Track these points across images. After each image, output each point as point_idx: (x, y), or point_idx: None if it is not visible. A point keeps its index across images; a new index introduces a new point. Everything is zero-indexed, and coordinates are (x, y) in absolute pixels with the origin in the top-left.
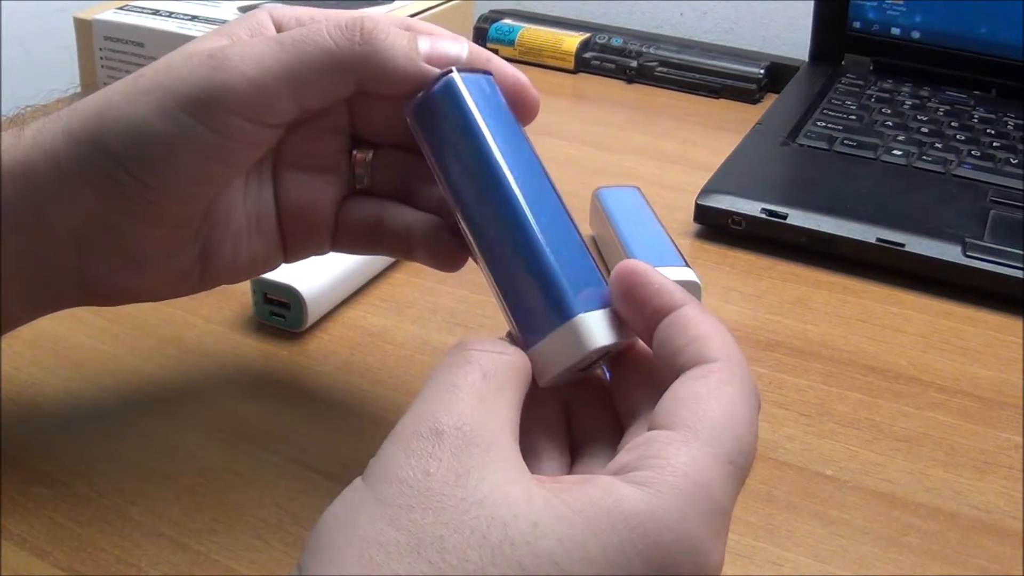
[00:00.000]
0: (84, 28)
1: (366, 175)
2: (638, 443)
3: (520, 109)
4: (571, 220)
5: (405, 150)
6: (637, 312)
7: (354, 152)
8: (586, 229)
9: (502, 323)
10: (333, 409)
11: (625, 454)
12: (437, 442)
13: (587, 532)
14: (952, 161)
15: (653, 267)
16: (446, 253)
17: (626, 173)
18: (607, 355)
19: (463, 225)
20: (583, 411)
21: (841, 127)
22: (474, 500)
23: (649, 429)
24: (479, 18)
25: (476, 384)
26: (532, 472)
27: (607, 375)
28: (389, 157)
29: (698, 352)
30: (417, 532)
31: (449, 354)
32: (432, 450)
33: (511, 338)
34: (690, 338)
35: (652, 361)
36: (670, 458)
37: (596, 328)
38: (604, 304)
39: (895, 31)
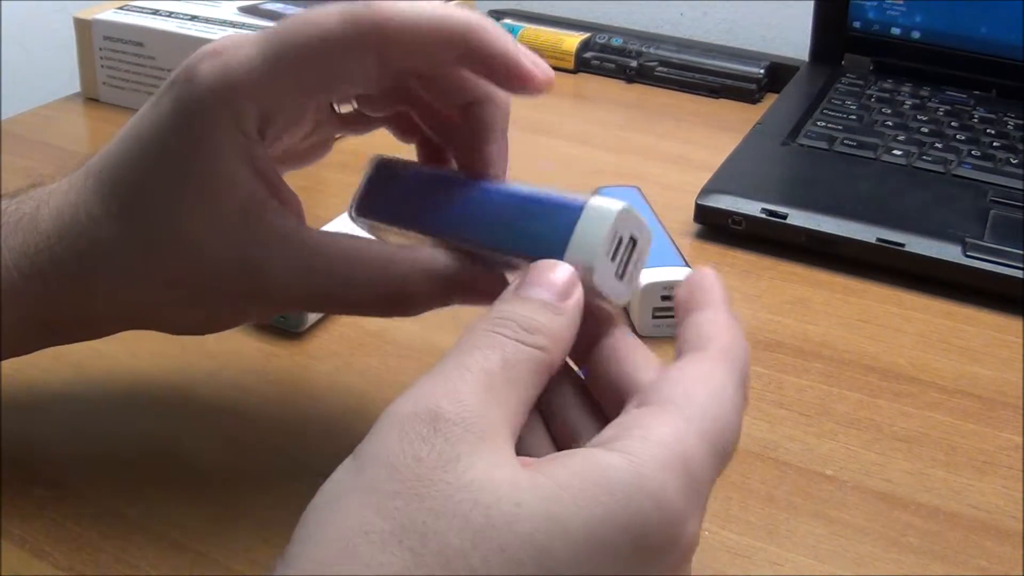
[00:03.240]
0: (84, 28)
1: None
2: (623, 419)
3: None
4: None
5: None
6: (682, 310)
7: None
8: None
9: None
10: (333, 409)
11: (609, 429)
12: (433, 426)
13: (571, 507)
14: (952, 161)
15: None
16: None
17: (626, 173)
18: (633, 247)
19: (462, 246)
20: (564, 414)
21: (841, 127)
22: (459, 485)
23: (636, 408)
24: None
25: (491, 371)
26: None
27: (583, 375)
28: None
29: (698, 337)
30: (401, 519)
31: (477, 327)
32: (426, 434)
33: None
34: (701, 334)
35: (633, 351)
36: (653, 429)
37: (610, 201)
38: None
39: (895, 31)
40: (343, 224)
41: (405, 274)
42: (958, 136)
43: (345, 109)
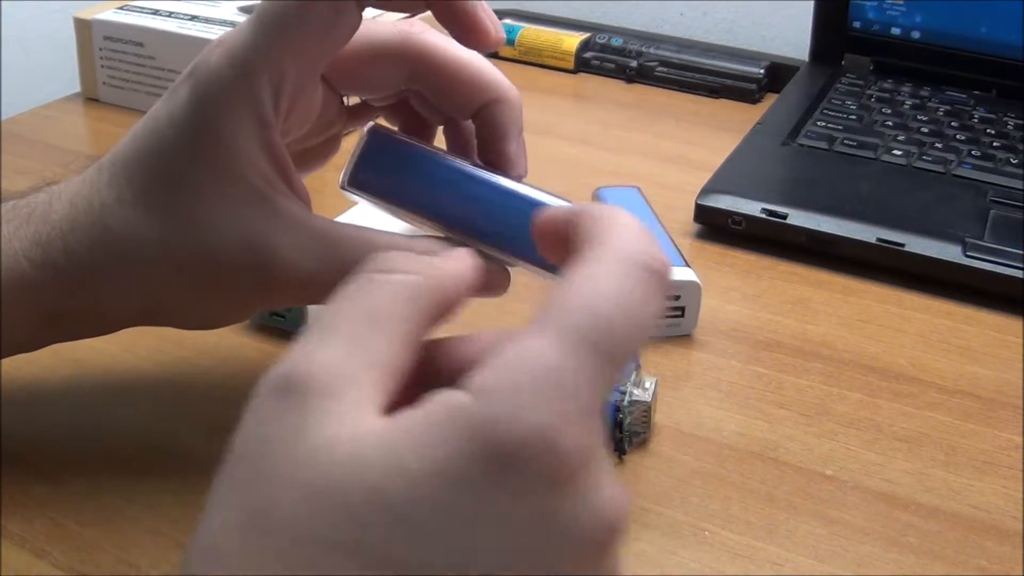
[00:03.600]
0: (84, 28)
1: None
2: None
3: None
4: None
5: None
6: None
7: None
8: None
9: (501, 322)
10: None
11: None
12: (282, 399)
13: (412, 452)
14: (952, 161)
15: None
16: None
17: (626, 173)
18: None
19: (461, 236)
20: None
21: (841, 127)
22: (304, 457)
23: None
24: None
25: (355, 320)
26: None
27: None
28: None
29: (580, 240)
30: (252, 504)
31: (349, 282)
32: (273, 410)
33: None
34: (581, 232)
35: None
36: (505, 353)
37: None
38: None
39: (895, 31)
40: (351, 219)
41: None
42: (958, 136)
43: (353, 100)
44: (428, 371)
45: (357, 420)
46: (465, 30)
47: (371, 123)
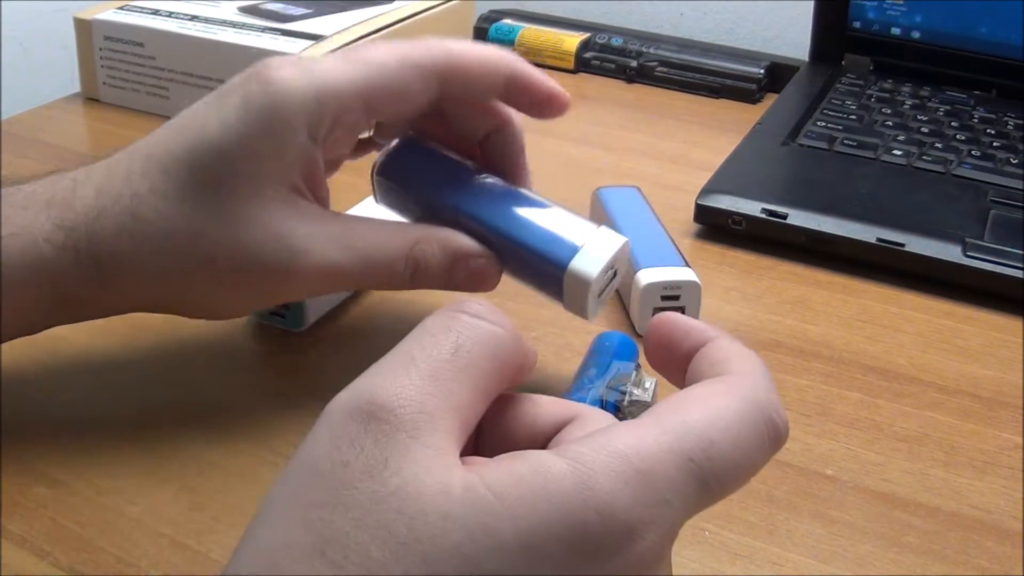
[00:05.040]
0: (84, 28)
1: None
2: (597, 429)
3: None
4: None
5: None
6: (673, 359)
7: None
8: None
9: None
10: None
11: (567, 434)
12: (364, 426)
13: (503, 518)
14: (952, 161)
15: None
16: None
17: (626, 173)
18: (613, 276)
19: (478, 229)
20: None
21: (841, 127)
22: (385, 493)
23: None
24: (479, 18)
25: (440, 359)
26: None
27: None
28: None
29: (713, 370)
30: (324, 531)
31: (433, 316)
32: (356, 436)
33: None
34: (714, 361)
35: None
36: (612, 438)
37: (616, 234)
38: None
39: (895, 31)
40: (362, 211)
41: (429, 253)
42: (958, 136)
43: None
44: (493, 426)
45: (441, 467)
46: (544, 103)
47: (408, 132)
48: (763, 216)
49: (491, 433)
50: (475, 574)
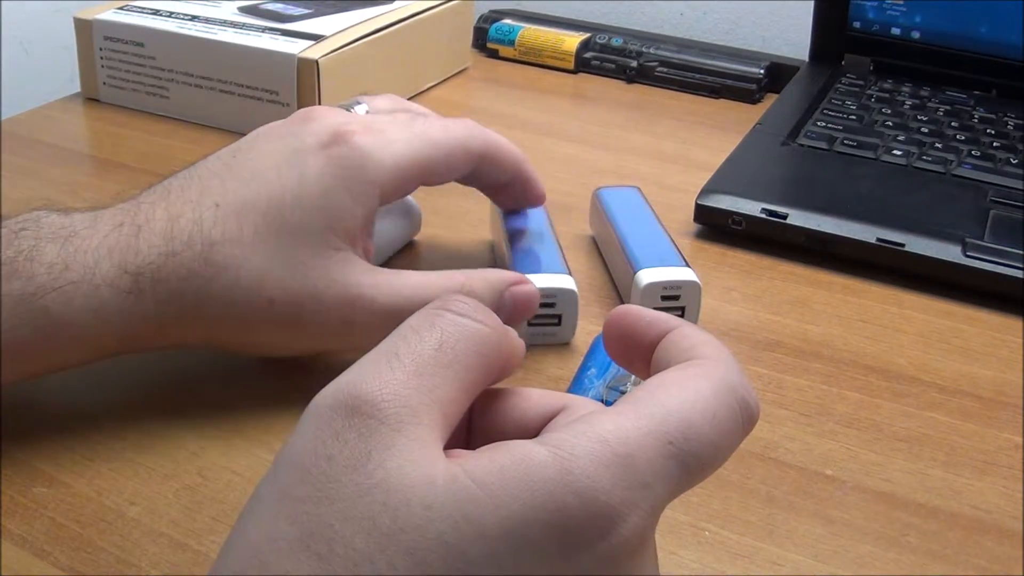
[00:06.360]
0: (84, 28)
1: None
2: (577, 418)
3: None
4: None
5: None
6: (635, 350)
7: None
8: (586, 229)
9: None
10: None
11: (554, 424)
12: (348, 421)
13: (486, 506)
14: (952, 161)
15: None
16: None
17: (626, 173)
18: None
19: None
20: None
21: (841, 127)
22: (369, 486)
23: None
24: (479, 18)
25: (423, 355)
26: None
27: None
28: None
29: (682, 356)
30: (309, 524)
31: (418, 314)
32: (340, 430)
33: None
34: (682, 349)
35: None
36: (593, 424)
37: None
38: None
39: (895, 31)
40: None
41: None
42: (958, 136)
43: None
44: (483, 420)
45: (424, 459)
46: (527, 195)
47: None
48: (763, 216)
49: (482, 428)
50: (460, 562)
